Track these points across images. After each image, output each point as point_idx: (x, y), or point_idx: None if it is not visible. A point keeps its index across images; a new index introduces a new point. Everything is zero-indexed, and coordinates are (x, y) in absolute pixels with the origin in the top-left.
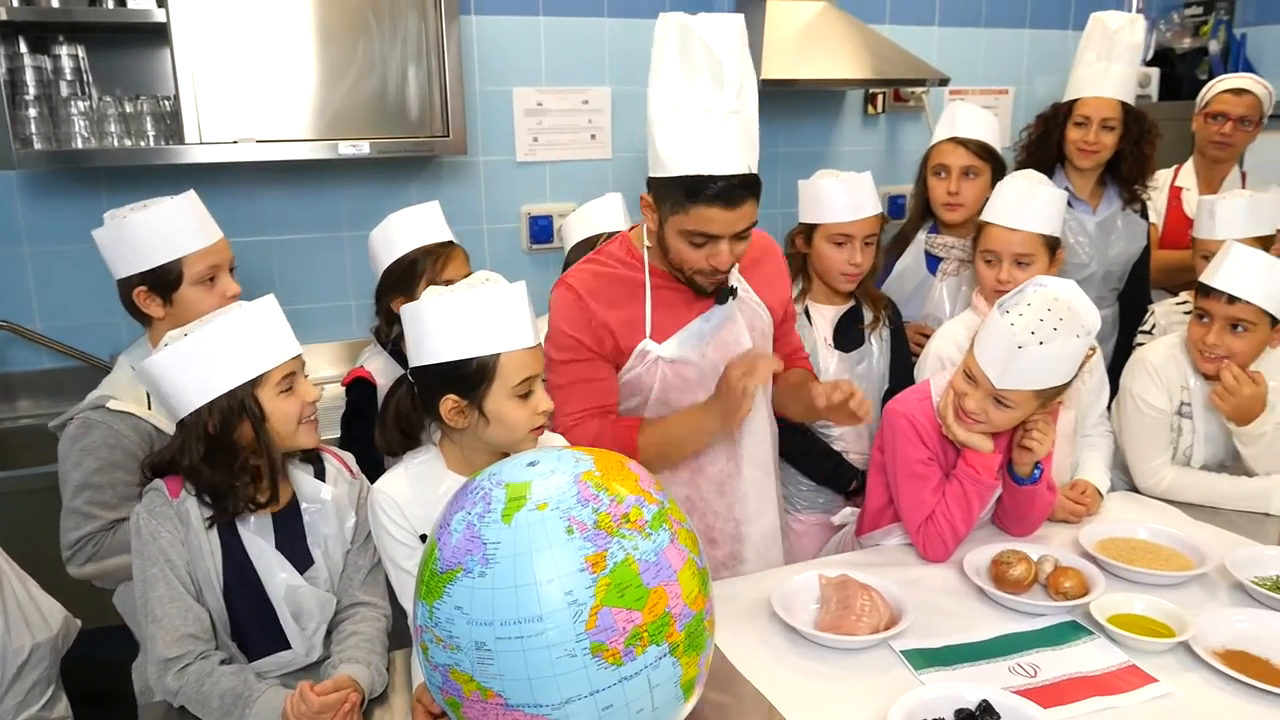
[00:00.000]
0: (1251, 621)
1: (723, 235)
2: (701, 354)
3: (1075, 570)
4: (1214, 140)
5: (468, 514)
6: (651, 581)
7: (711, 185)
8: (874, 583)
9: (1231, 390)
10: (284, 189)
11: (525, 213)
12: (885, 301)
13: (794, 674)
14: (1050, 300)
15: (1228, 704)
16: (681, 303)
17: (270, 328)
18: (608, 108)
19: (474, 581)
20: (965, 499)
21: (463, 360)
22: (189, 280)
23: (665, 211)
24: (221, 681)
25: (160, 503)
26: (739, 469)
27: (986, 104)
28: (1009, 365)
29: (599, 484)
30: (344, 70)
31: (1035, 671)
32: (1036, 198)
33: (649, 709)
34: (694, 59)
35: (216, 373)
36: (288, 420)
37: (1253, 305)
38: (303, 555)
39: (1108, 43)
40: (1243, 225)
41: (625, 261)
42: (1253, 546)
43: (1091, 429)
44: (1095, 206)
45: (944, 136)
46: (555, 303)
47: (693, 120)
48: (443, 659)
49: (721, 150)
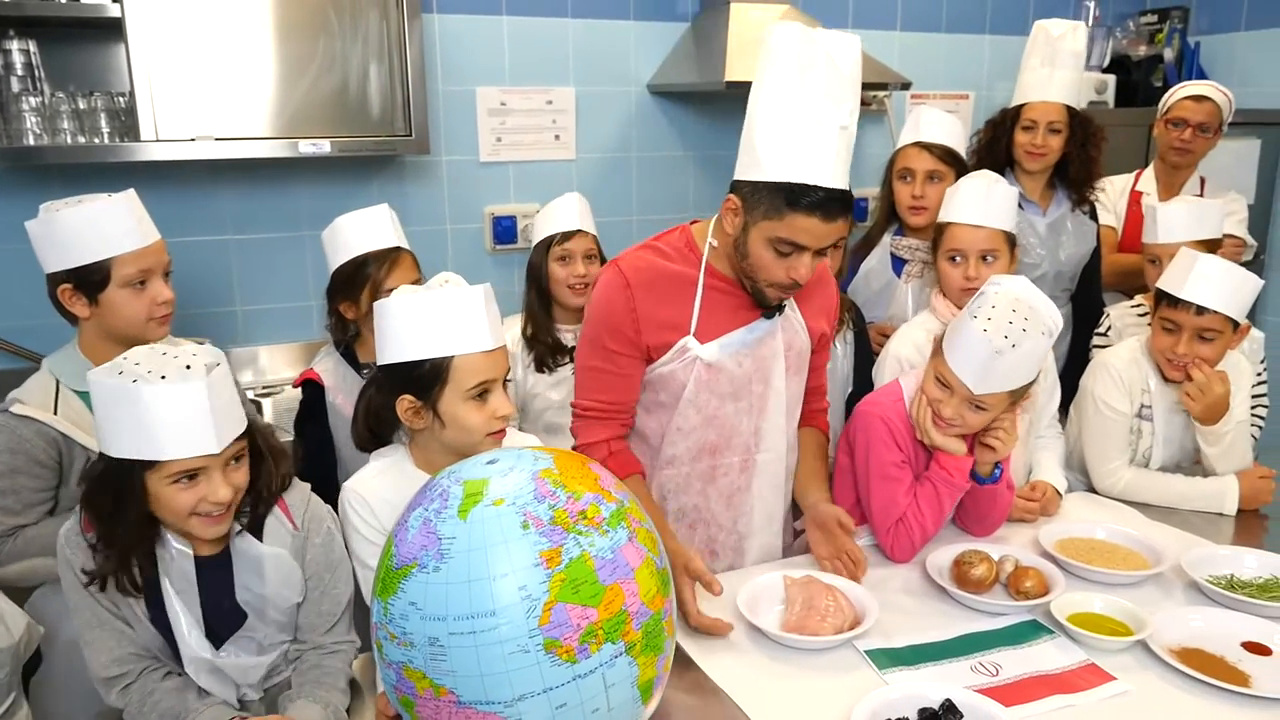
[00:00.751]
0: (1206, 620)
1: (810, 247)
2: (738, 363)
3: (1035, 570)
4: (1174, 146)
5: (425, 510)
6: (608, 579)
7: (813, 194)
8: (838, 583)
9: (1204, 389)
10: (243, 188)
11: (489, 213)
12: (848, 304)
13: (759, 674)
14: (1012, 301)
15: (1184, 701)
16: (730, 308)
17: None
18: (572, 108)
19: (428, 577)
20: (938, 500)
21: (418, 361)
22: (117, 282)
23: (757, 216)
24: (163, 701)
25: (77, 537)
26: (749, 483)
27: (948, 109)
28: (988, 372)
29: (557, 481)
30: (304, 68)
31: (997, 670)
32: (996, 195)
33: (604, 709)
34: (815, 71)
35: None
36: (174, 511)
37: (1220, 314)
38: (231, 613)
39: (1051, 50)
40: (1188, 230)
41: (684, 255)
42: (1207, 546)
43: (1045, 430)
44: (1045, 208)
45: (909, 141)
46: (603, 283)
47: (804, 129)
48: (397, 656)
49: (827, 163)
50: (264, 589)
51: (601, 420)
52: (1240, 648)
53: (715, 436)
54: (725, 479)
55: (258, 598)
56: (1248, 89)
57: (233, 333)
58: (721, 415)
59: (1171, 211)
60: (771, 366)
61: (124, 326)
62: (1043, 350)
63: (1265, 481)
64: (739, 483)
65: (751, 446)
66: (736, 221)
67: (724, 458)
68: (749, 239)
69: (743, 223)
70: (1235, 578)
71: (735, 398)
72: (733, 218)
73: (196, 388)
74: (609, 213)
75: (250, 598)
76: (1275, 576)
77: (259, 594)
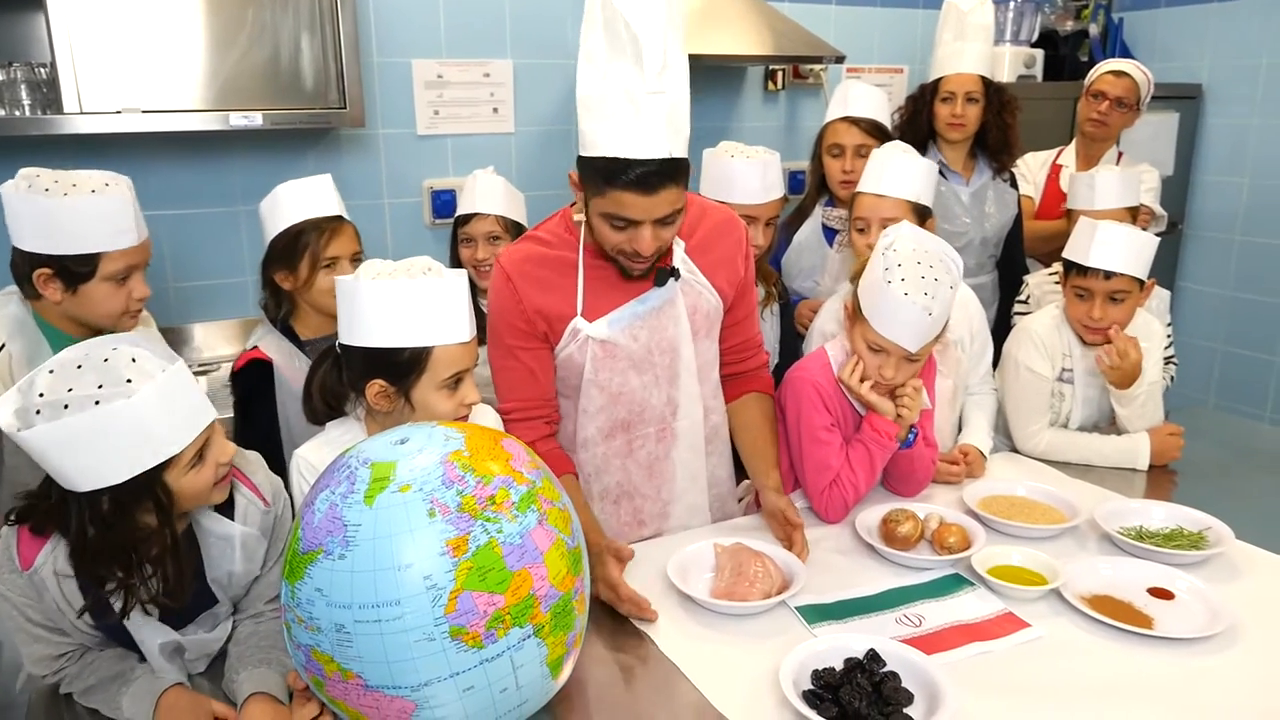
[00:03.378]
0: (1116, 568)
1: (643, 220)
2: (633, 337)
3: (959, 526)
4: (1091, 118)
5: (331, 493)
6: (515, 564)
7: (629, 170)
8: (766, 550)
9: (1123, 356)
10: (174, 161)
11: (427, 187)
12: (775, 278)
13: (692, 640)
14: (914, 254)
15: (1093, 644)
16: (617, 283)
17: (180, 401)
18: (510, 81)
19: (333, 564)
20: (870, 461)
21: (395, 349)
22: (102, 276)
23: (590, 192)
24: (103, 667)
25: (7, 568)
26: (668, 452)
27: (881, 82)
28: (921, 328)
29: (466, 465)
30: (233, 38)
31: (920, 621)
32: (900, 164)
33: (513, 688)
34: (618, 36)
35: (114, 460)
36: (199, 494)
37: (1127, 275)
38: (202, 595)
39: (961, 24)
40: (1120, 196)
41: (562, 238)
42: (1119, 500)
43: (977, 387)
44: (968, 178)
45: (837, 115)
46: (491, 283)
47: (613, 101)
48: (305, 639)
49: (639, 133)
50: (234, 567)
51: (526, 422)
52: (1146, 593)
53: (626, 413)
54: (643, 450)
55: (226, 575)
56: (1167, 64)
57: (166, 310)
58: (628, 391)
59: (1106, 178)
60: (676, 334)
61: (97, 318)
62: (953, 296)
63: (1174, 439)
64: (657, 452)
65: (667, 416)
66: (581, 198)
67: (639, 430)
68: (590, 215)
69: (583, 199)
70: (1144, 528)
71: (639, 371)
72: (578, 194)
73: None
74: (548, 185)
75: (220, 575)
76: (1180, 527)
77: (227, 571)
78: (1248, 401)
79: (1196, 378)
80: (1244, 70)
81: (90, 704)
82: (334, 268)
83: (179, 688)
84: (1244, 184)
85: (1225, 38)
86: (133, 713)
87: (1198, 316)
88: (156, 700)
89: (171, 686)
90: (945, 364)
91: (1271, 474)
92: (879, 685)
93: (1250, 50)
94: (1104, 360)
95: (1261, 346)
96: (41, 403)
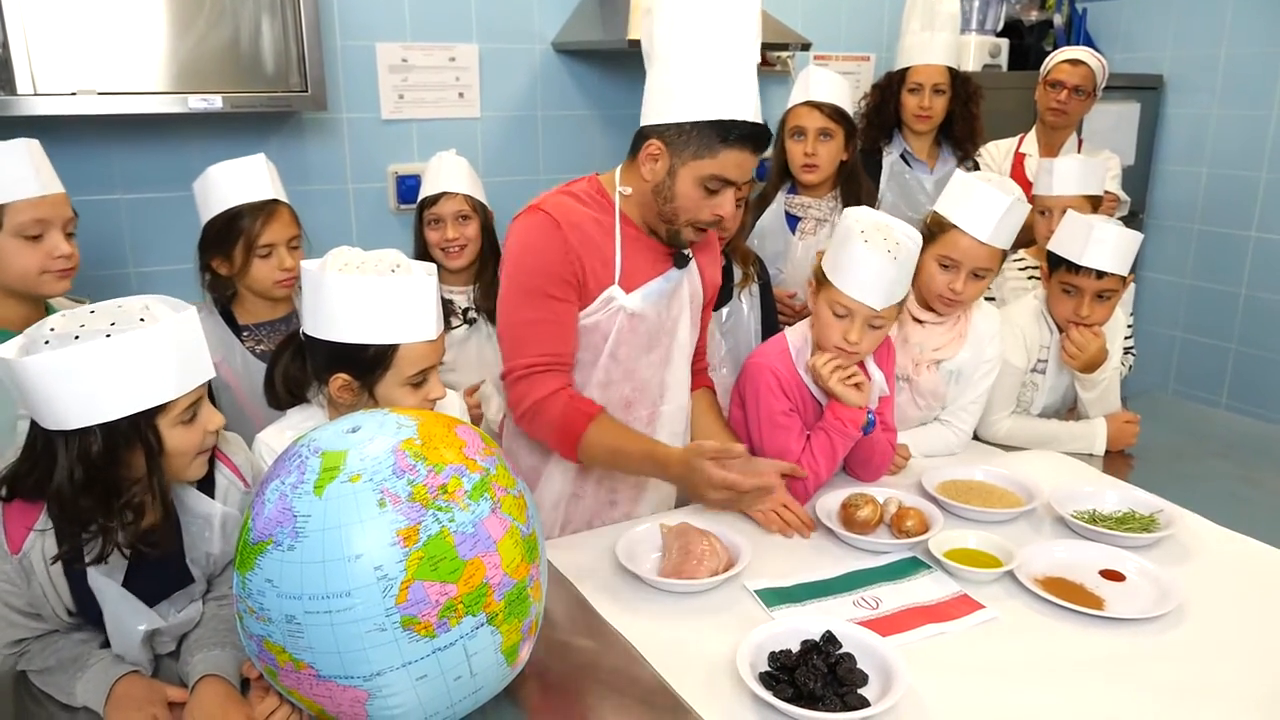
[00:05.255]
0: (1069, 551)
1: (738, 181)
2: (659, 312)
3: (917, 510)
4: (1051, 107)
5: (281, 483)
6: (468, 554)
7: (743, 128)
8: (712, 528)
9: (1082, 348)
10: (132, 145)
11: (392, 172)
12: (754, 259)
13: (651, 622)
14: (875, 226)
15: (1045, 624)
16: (647, 258)
17: (187, 348)
18: (475, 66)
19: (283, 555)
20: (831, 449)
21: (361, 345)
22: (9, 230)
23: (686, 156)
24: (65, 649)
25: None
26: (654, 435)
27: (848, 70)
28: (887, 284)
29: (418, 453)
30: (192, 19)
31: (877, 604)
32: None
33: (468, 675)
34: (722, 11)
35: (114, 394)
36: (185, 454)
37: (1117, 275)
38: (179, 574)
39: (930, 13)
40: (1080, 183)
41: (597, 201)
42: (1074, 483)
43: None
44: (933, 167)
45: (799, 100)
46: (528, 228)
47: (724, 66)
48: (256, 630)
49: (750, 97)
50: (212, 548)
51: (551, 371)
52: (1098, 575)
53: (630, 390)
54: None
55: (204, 556)
56: (1130, 55)
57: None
58: (638, 369)
59: (1065, 165)
60: (679, 317)
61: (12, 279)
62: (913, 261)
63: (1130, 425)
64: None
65: (657, 399)
66: (659, 166)
67: (635, 411)
68: (676, 182)
69: (668, 166)
70: (1097, 512)
71: (649, 349)
72: (653, 164)
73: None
74: (515, 171)
75: (199, 556)
76: (1132, 510)
77: (205, 553)
78: (1204, 388)
79: (1156, 364)
80: (1204, 61)
81: (44, 688)
82: (270, 255)
83: (134, 675)
84: (1203, 174)
85: (1187, 28)
86: (86, 699)
87: (1157, 304)
88: (110, 687)
89: (126, 674)
90: None
91: (1223, 458)
92: (834, 666)
93: (1211, 41)
94: (1066, 349)
95: (1218, 334)
96: (51, 335)
